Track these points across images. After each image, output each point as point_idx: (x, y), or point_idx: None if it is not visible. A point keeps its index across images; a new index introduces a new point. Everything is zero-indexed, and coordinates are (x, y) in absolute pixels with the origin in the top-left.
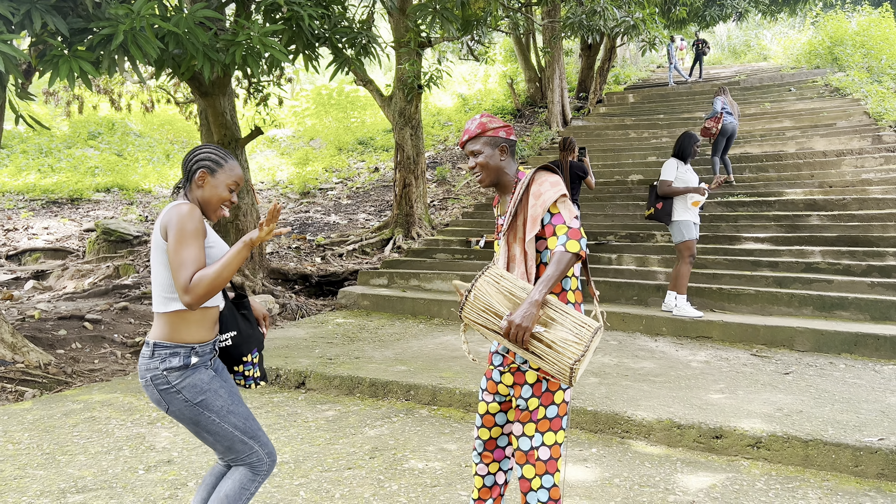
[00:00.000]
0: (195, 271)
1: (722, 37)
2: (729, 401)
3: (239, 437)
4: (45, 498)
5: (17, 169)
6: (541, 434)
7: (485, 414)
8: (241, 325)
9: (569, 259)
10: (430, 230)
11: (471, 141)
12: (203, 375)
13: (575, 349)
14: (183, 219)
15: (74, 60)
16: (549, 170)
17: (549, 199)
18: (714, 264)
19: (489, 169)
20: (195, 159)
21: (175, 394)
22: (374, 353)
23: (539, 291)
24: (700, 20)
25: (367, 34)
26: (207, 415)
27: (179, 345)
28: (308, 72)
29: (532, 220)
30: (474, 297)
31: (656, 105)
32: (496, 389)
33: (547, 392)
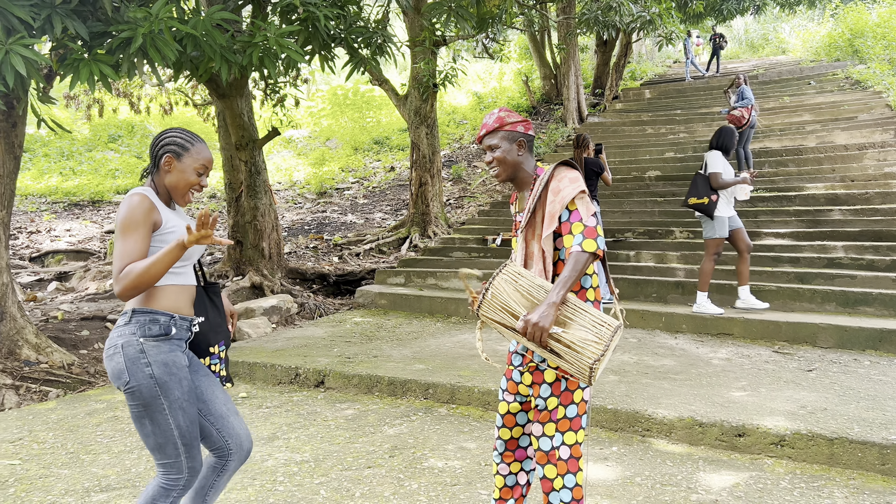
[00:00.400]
0: (128, 263)
1: (739, 31)
2: (751, 398)
3: (174, 438)
4: (70, 497)
5: (40, 172)
6: (561, 434)
7: (505, 414)
8: (210, 312)
9: (586, 259)
10: (446, 229)
11: (488, 135)
12: (178, 358)
13: (595, 348)
14: (130, 210)
15: (94, 64)
16: (568, 165)
17: (567, 195)
18: (734, 260)
19: (506, 164)
20: (161, 143)
21: (144, 366)
22: (393, 352)
23: (557, 293)
24: (717, 14)
25: (383, 34)
26: (160, 401)
27: (161, 312)
28: (324, 72)
29: (550, 216)
30: (492, 295)
31: (673, 100)
32: (517, 390)
33: (566, 391)
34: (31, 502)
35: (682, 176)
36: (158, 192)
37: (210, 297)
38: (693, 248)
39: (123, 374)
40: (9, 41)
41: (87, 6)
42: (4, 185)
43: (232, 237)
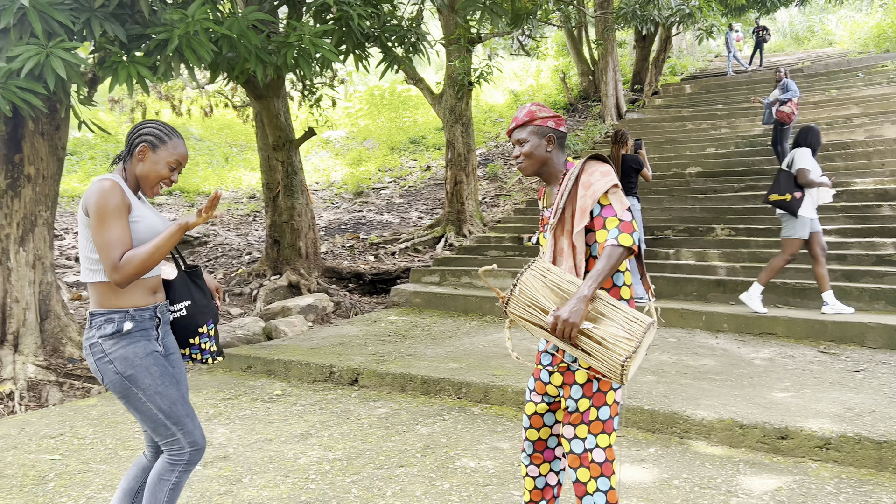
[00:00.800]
0: (124, 251)
1: (784, 23)
2: (795, 400)
3: (162, 419)
4: (107, 492)
5: (86, 174)
6: (594, 436)
7: (533, 415)
8: (195, 294)
9: (620, 253)
10: (481, 227)
11: (518, 129)
12: (138, 349)
13: (626, 345)
14: (104, 196)
15: (132, 66)
16: (599, 159)
17: (599, 189)
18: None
19: (533, 158)
20: (139, 132)
21: (108, 364)
22: (427, 351)
23: (588, 287)
24: (760, 6)
25: (417, 32)
26: (135, 391)
27: (113, 310)
28: (359, 72)
29: (581, 211)
30: (520, 291)
31: (714, 95)
32: (545, 390)
33: (598, 392)
34: (70, 497)
35: (724, 172)
36: (127, 179)
37: (193, 280)
38: (735, 246)
39: (97, 374)
40: (49, 45)
41: (126, 9)
42: (48, 187)
43: (270, 237)
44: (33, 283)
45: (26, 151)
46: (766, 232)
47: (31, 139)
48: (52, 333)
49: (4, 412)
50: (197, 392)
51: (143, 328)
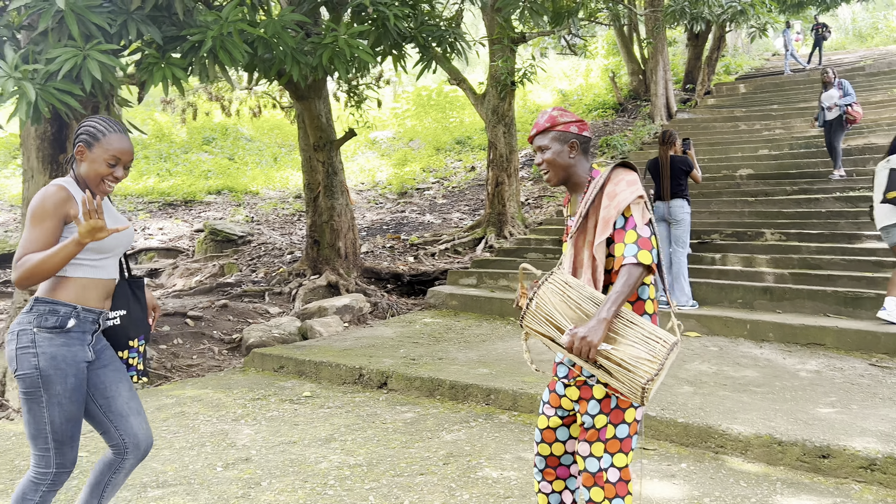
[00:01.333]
0: (28, 252)
1: (846, 19)
2: (840, 416)
3: (45, 432)
4: (128, 491)
5: (139, 173)
6: (610, 455)
7: (545, 429)
8: (132, 305)
9: (640, 272)
10: (522, 229)
11: (539, 135)
12: (68, 353)
13: (648, 367)
14: (42, 199)
15: (168, 67)
16: (626, 167)
17: (623, 200)
18: (830, 265)
19: (556, 166)
20: (77, 132)
21: (31, 356)
22: (458, 355)
23: (608, 309)
24: (820, 2)
25: (455, 32)
26: (40, 393)
27: (62, 303)
28: (397, 73)
29: (604, 222)
30: (536, 305)
31: (770, 95)
32: (559, 403)
33: (616, 410)
34: None
35: (776, 174)
36: (78, 182)
37: (133, 290)
38: (785, 252)
39: (13, 361)
40: (87, 47)
41: (162, 11)
42: None
43: (309, 237)
44: None
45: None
46: (819, 237)
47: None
48: None
49: None
50: (227, 391)
51: (81, 330)
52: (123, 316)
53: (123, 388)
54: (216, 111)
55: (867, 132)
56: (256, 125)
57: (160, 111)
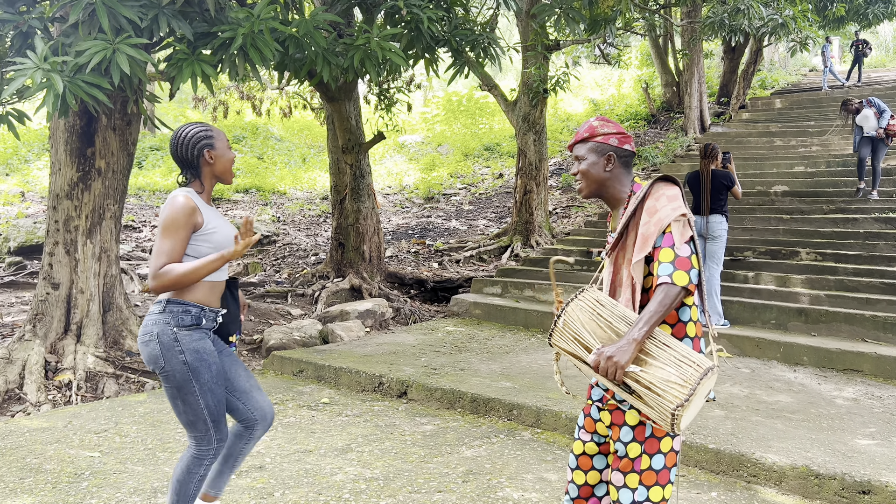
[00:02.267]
0: (168, 262)
1: (887, 37)
2: (880, 449)
3: (204, 416)
4: (137, 496)
5: (169, 169)
6: (646, 488)
7: (581, 455)
8: (230, 305)
9: (676, 293)
10: (549, 238)
11: (578, 145)
12: (207, 344)
13: (678, 392)
14: (174, 210)
15: (197, 64)
16: (668, 181)
17: (665, 217)
18: (868, 288)
19: (589, 178)
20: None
21: (178, 353)
22: (481, 366)
23: (639, 330)
24: (861, 18)
25: (489, 36)
26: (193, 384)
27: (192, 304)
28: (429, 77)
29: (643, 239)
30: (564, 323)
31: (806, 111)
32: (594, 428)
33: (652, 438)
34: (101, 499)
35: (813, 192)
36: (203, 192)
37: (231, 291)
38: (821, 272)
39: (159, 360)
40: (116, 40)
41: (193, 7)
42: (118, 181)
43: (335, 239)
44: (98, 274)
45: (98, 146)
46: (857, 259)
47: (103, 133)
48: (113, 325)
49: (61, 401)
50: None
51: (208, 327)
52: (225, 314)
53: (240, 369)
54: (247, 110)
55: None
56: (286, 125)
57: (192, 109)
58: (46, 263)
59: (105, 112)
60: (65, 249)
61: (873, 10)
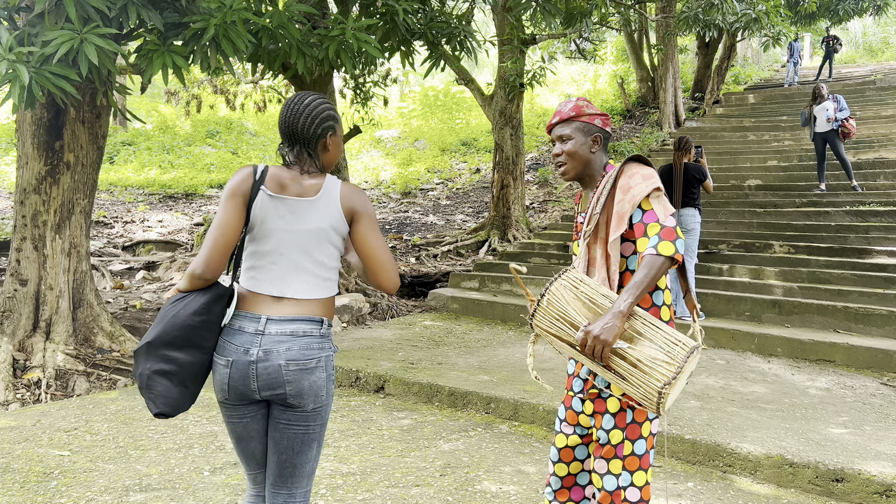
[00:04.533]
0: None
1: (856, 33)
2: (853, 437)
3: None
4: (108, 495)
5: (141, 165)
6: (629, 473)
7: (563, 448)
8: None
9: (661, 263)
10: (527, 233)
11: (561, 124)
12: None
13: (665, 370)
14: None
15: (168, 55)
16: (640, 161)
17: (639, 193)
18: (840, 280)
19: (576, 159)
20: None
21: (331, 384)
22: (458, 360)
23: (624, 301)
24: (832, 15)
25: (465, 29)
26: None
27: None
28: (405, 73)
29: (618, 217)
30: (548, 302)
31: (779, 106)
32: (577, 420)
33: (633, 424)
34: (70, 498)
35: (785, 186)
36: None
37: None
38: (794, 265)
39: (321, 392)
40: (84, 30)
41: None
42: (87, 175)
43: None
44: (68, 270)
45: (66, 139)
46: (829, 251)
47: (71, 126)
48: (83, 322)
49: (30, 400)
50: None
51: None
52: None
53: None
54: (221, 104)
55: (878, 146)
56: (261, 120)
57: (164, 103)
58: (14, 259)
59: (73, 104)
60: (33, 245)
61: (844, 7)
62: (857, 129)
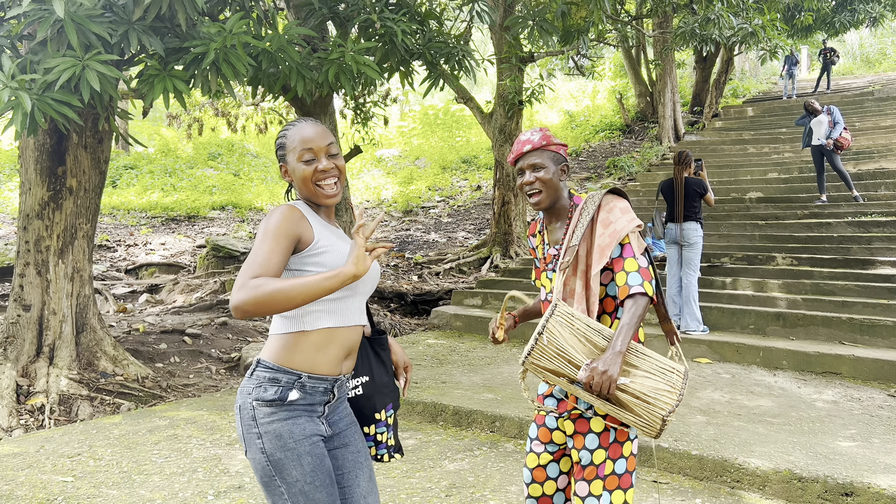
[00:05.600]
0: (260, 273)
1: (853, 45)
2: (861, 450)
3: None
4: None
5: (143, 188)
6: (609, 492)
7: (535, 467)
8: (374, 369)
9: (646, 302)
10: (528, 249)
11: (534, 153)
12: (295, 427)
13: (668, 398)
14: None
15: (169, 79)
16: (617, 194)
17: (621, 229)
18: (844, 291)
19: (550, 187)
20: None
21: (255, 437)
22: (462, 378)
23: (622, 342)
24: (828, 27)
25: (463, 49)
26: (277, 482)
27: (284, 370)
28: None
29: (600, 251)
30: (547, 340)
31: (778, 118)
32: (550, 437)
33: (615, 443)
34: None
35: (787, 198)
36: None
37: (375, 350)
38: (797, 277)
39: (241, 441)
40: (86, 57)
41: (164, 22)
42: (90, 199)
43: None
44: (71, 295)
45: (69, 164)
46: (832, 262)
47: (74, 152)
48: (87, 347)
49: (34, 425)
50: (223, 413)
51: (309, 402)
52: (366, 384)
53: (363, 476)
54: (222, 127)
55: (878, 157)
56: (263, 141)
57: (166, 126)
58: (17, 285)
59: (76, 130)
60: (36, 270)
61: (839, 19)
62: (854, 140)
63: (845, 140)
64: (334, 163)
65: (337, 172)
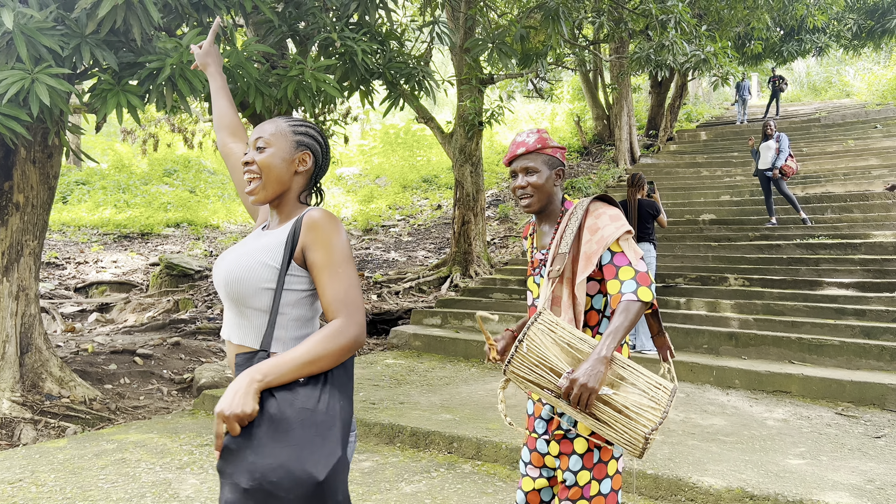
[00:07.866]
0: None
1: (801, 73)
2: (810, 468)
3: None
4: None
5: (95, 204)
6: None
7: (529, 491)
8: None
9: (639, 308)
10: (488, 269)
11: (527, 156)
12: None
13: (652, 415)
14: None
15: (123, 94)
16: (606, 201)
17: (609, 235)
18: (793, 311)
19: (542, 192)
20: None
21: None
22: (421, 399)
23: (607, 346)
24: (777, 56)
25: (423, 69)
26: None
27: None
28: (366, 111)
29: (586, 258)
30: (527, 348)
31: (730, 143)
32: (543, 462)
33: (600, 463)
34: None
35: (739, 220)
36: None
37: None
38: (749, 297)
39: None
40: (35, 70)
41: (119, 36)
42: (37, 216)
43: None
44: (15, 314)
45: (16, 179)
46: (782, 283)
47: (21, 167)
48: (31, 368)
49: None
50: (174, 436)
51: None
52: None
53: None
54: (179, 143)
55: (824, 181)
56: (220, 158)
57: (121, 142)
58: None
59: (24, 144)
60: None
61: (787, 48)
62: (801, 164)
63: (789, 168)
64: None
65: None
